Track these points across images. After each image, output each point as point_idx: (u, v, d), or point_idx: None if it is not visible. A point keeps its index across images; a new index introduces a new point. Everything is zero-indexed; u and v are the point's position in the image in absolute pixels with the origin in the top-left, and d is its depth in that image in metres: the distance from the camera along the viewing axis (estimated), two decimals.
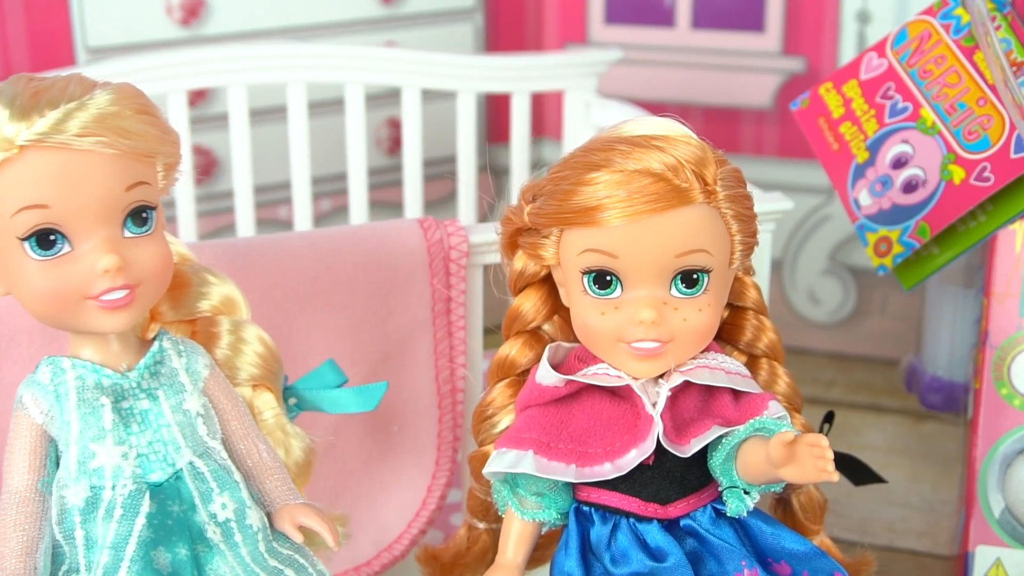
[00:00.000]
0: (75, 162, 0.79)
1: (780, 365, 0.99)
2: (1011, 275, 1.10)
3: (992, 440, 1.11)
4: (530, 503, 0.92)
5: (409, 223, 1.09)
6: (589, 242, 0.87)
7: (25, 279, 0.81)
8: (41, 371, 0.85)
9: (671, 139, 0.87)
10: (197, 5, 1.58)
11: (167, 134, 0.84)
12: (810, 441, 0.83)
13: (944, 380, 1.42)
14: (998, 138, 1.13)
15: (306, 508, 0.89)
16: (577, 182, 0.86)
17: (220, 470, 0.87)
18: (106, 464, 0.83)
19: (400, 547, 1.12)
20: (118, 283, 0.81)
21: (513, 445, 0.90)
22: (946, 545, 1.32)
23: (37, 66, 1.50)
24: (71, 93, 0.80)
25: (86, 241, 0.81)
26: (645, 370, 0.89)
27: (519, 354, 0.95)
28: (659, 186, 0.85)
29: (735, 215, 0.88)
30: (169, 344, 0.87)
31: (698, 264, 0.87)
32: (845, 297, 1.71)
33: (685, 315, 0.87)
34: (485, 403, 0.97)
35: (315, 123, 1.56)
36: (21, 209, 0.79)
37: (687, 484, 0.90)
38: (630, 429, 0.89)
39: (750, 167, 1.68)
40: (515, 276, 0.95)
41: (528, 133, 1.54)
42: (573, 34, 1.76)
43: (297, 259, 1.05)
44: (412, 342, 1.10)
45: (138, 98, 0.83)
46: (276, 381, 0.95)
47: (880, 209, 1.20)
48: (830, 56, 1.64)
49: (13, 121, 0.79)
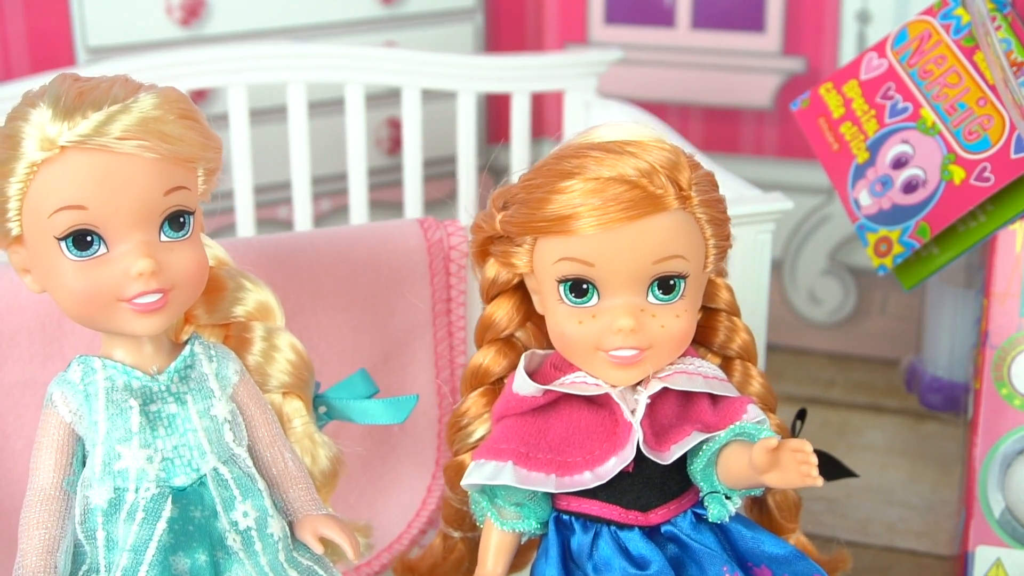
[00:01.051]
0: (115, 165, 0.80)
1: (753, 366, 0.98)
2: (1011, 275, 1.10)
3: (992, 440, 1.11)
4: (509, 513, 0.92)
5: (409, 223, 1.09)
6: (564, 251, 0.86)
7: (60, 278, 0.81)
8: (72, 370, 0.85)
9: (644, 144, 0.86)
10: (197, 5, 1.58)
11: (209, 140, 0.84)
12: (794, 447, 0.82)
13: (944, 380, 1.42)
14: (998, 138, 1.13)
15: (328, 519, 0.88)
16: (551, 190, 0.85)
17: (244, 477, 0.86)
18: (131, 466, 0.83)
19: (400, 547, 1.12)
20: (152, 287, 0.81)
21: (492, 456, 0.90)
22: (946, 545, 1.32)
23: (37, 66, 1.50)
24: (115, 95, 0.80)
25: (122, 243, 0.81)
26: (624, 378, 0.88)
27: (492, 362, 0.94)
28: (634, 193, 0.84)
29: (709, 219, 0.87)
30: (200, 349, 0.87)
31: (675, 270, 0.86)
32: (845, 297, 1.71)
33: (663, 322, 0.87)
34: (459, 413, 0.96)
35: (315, 123, 1.56)
36: (59, 209, 0.80)
37: (667, 490, 0.90)
38: (609, 437, 0.89)
39: (750, 167, 1.68)
40: (487, 284, 0.94)
41: (528, 133, 1.54)
42: (573, 34, 1.75)
43: (297, 259, 1.05)
44: (412, 342, 1.10)
45: (182, 103, 0.83)
46: (307, 389, 0.95)
47: (880, 209, 1.20)
48: (830, 56, 1.64)
49: (56, 121, 0.79)
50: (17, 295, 0.98)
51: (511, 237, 0.89)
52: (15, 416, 1.00)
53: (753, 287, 1.15)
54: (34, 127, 0.80)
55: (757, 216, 1.14)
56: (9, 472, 1.00)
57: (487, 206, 0.92)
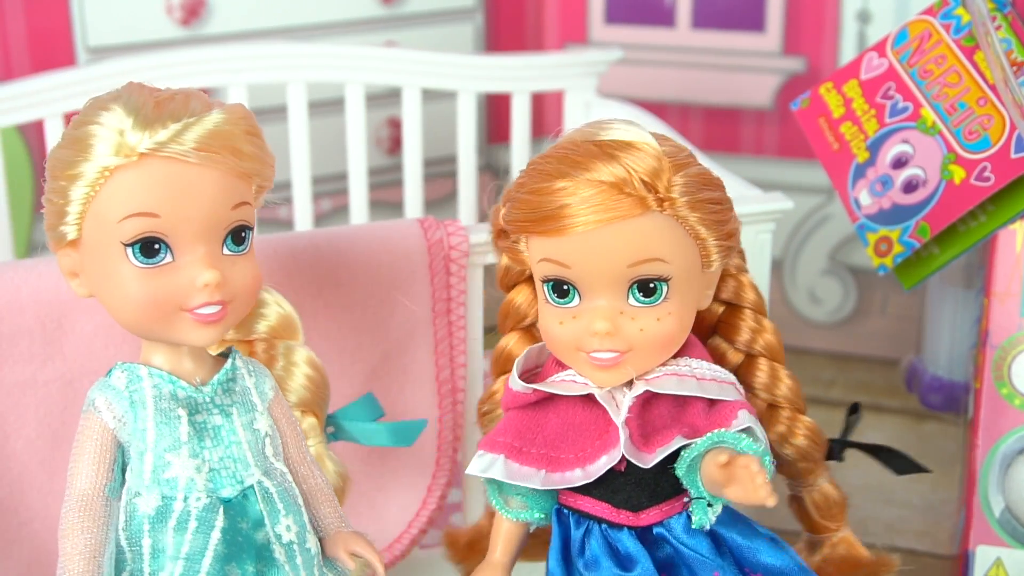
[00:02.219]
0: (189, 175, 0.80)
1: (782, 367, 0.97)
2: (1011, 275, 1.10)
3: (992, 440, 1.11)
4: (515, 503, 0.92)
5: (409, 223, 1.09)
6: (545, 251, 0.86)
7: (121, 284, 0.82)
8: (116, 376, 0.85)
9: (628, 147, 0.85)
10: (197, 5, 1.58)
11: (268, 157, 0.85)
12: (742, 463, 0.81)
13: (944, 380, 1.42)
14: (998, 138, 1.13)
15: (358, 537, 0.90)
16: (531, 190, 0.86)
17: (285, 492, 0.87)
18: (180, 475, 0.83)
19: (400, 547, 1.12)
20: (215, 298, 0.82)
21: (488, 448, 0.90)
22: (946, 545, 1.32)
23: (37, 66, 1.50)
24: (193, 108, 0.81)
25: (188, 254, 0.81)
26: (606, 379, 0.88)
27: (517, 347, 0.96)
28: (608, 196, 0.83)
29: (700, 219, 0.86)
30: (241, 363, 0.88)
31: (653, 273, 0.85)
32: (845, 297, 1.71)
33: (642, 325, 0.86)
34: (486, 397, 0.97)
35: (315, 123, 1.56)
36: (131, 215, 0.80)
37: (659, 492, 0.89)
38: (601, 435, 0.88)
39: (750, 167, 1.68)
40: (501, 272, 0.95)
41: (528, 133, 1.54)
42: (573, 34, 1.75)
43: (297, 259, 1.05)
44: (412, 342, 1.10)
45: (249, 120, 0.84)
46: (323, 407, 0.96)
47: (880, 209, 1.20)
48: (830, 56, 1.64)
49: (137, 128, 0.80)
50: (17, 295, 0.98)
51: (509, 234, 0.90)
52: (15, 416, 0.99)
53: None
54: (110, 132, 0.80)
55: (757, 216, 1.14)
56: (9, 472, 1.00)
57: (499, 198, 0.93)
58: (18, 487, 1.01)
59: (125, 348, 1.00)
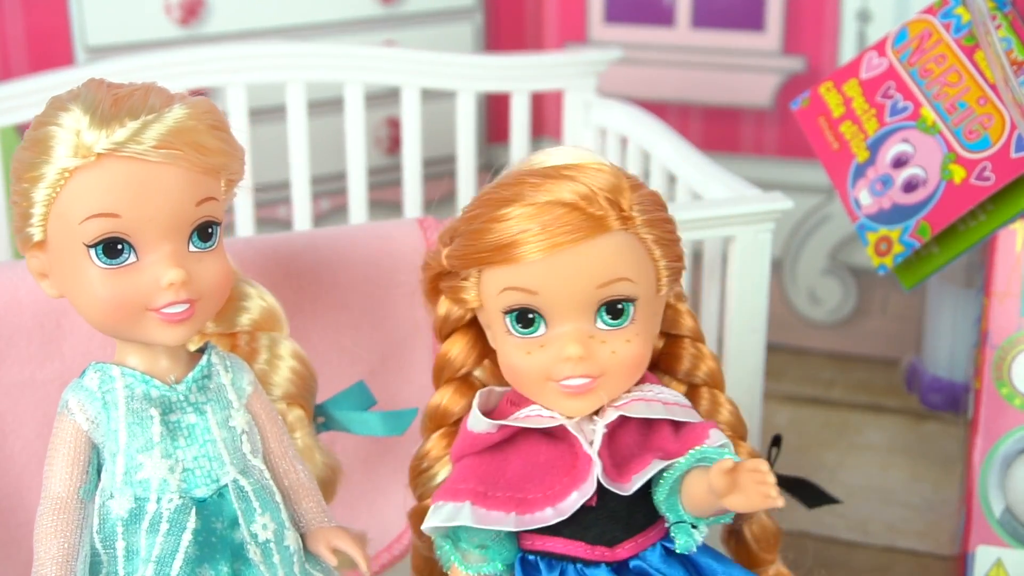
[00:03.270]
0: (149, 174, 0.79)
1: (721, 393, 0.95)
2: (1011, 274, 1.10)
3: (992, 440, 1.11)
4: (474, 556, 0.88)
5: (408, 223, 1.09)
6: (507, 280, 0.84)
7: (86, 285, 0.81)
8: (88, 377, 0.84)
9: (582, 167, 0.84)
10: (196, 4, 1.57)
11: (235, 150, 0.84)
12: (750, 467, 0.79)
13: (944, 380, 1.42)
14: (998, 137, 1.13)
15: (340, 531, 0.88)
16: (489, 219, 0.84)
17: (262, 490, 0.86)
18: (152, 476, 0.83)
19: (400, 547, 1.12)
20: (181, 297, 0.81)
21: (449, 497, 0.87)
22: (946, 545, 1.32)
23: (36, 65, 1.50)
24: (152, 104, 0.80)
25: (152, 253, 0.81)
26: (578, 408, 0.86)
27: (451, 402, 0.93)
28: (572, 216, 0.82)
29: (656, 239, 0.85)
30: (217, 359, 0.87)
31: (621, 293, 0.84)
32: (845, 297, 1.71)
33: (613, 347, 0.85)
34: (420, 455, 0.94)
35: (314, 123, 1.56)
36: (91, 216, 0.79)
37: (634, 523, 0.87)
38: (569, 471, 0.86)
39: (750, 167, 1.68)
40: (440, 322, 0.91)
41: (528, 133, 1.54)
42: (573, 33, 1.75)
43: (296, 259, 1.05)
44: (411, 342, 1.10)
45: (213, 114, 0.83)
46: (310, 399, 0.95)
47: (880, 208, 1.20)
48: (830, 55, 1.64)
49: (93, 128, 0.79)
50: (15, 294, 0.97)
51: (457, 272, 0.87)
52: (13, 416, 0.99)
53: (753, 287, 1.15)
54: (68, 132, 0.79)
55: (757, 216, 1.14)
56: (7, 472, 1.00)
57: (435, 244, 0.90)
58: (16, 488, 1.00)
59: None
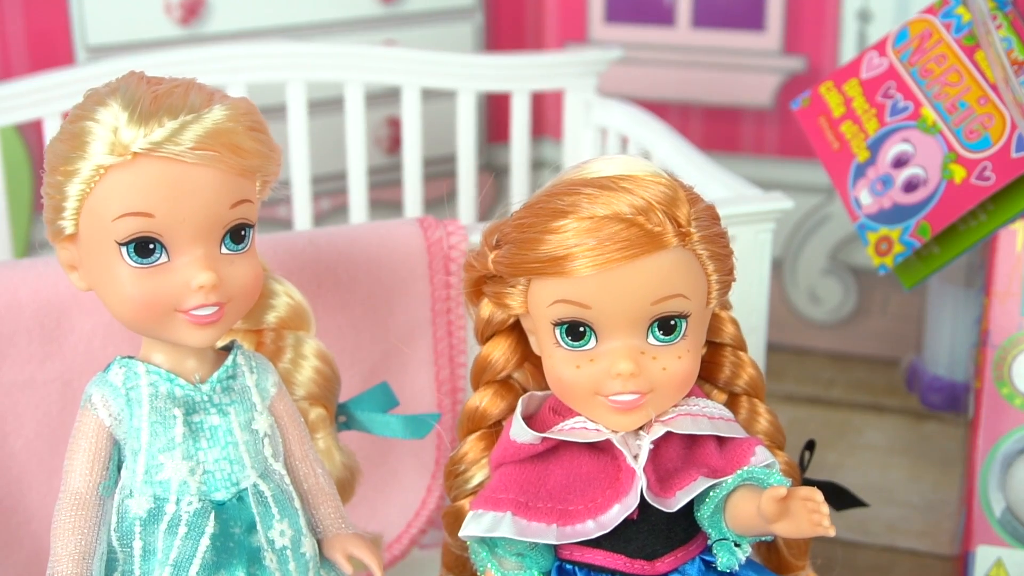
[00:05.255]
0: (185, 175, 0.78)
1: (761, 402, 0.94)
2: (1012, 274, 1.10)
3: (993, 440, 1.11)
4: (510, 563, 0.87)
5: (409, 223, 1.09)
6: (559, 292, 0.82)
7: (116, 283, 0.80)
8: (113, 372, 0.83)
9: (639, 179, 0.82)
10: (196, 4, 1.57)
11: (273, 152, 0.83)
12: (804, 495, 0.79)
13: (945, 380, 1.42)
14: (999, 137, 1.13)
15: (357, 539, 0.88)
16: (543, 230, 0.82)
17: (281, 495, 0.85)
18: (173, 477, 0.82)
19: (400, 547, 1.12)
20: (211, 300, 0.80)
21: (490, 507, 0.85)
22: (947, 545, 1.32)
23: (36, 64, 1.50)
24: (191, 103, 0.79)
25: (184, 254, 0.80)
26: (625, 423, 0.85)
27: (490, 405, 0.91)
28: (631, 231, 0.80)
29: (711, 255, 0.84)
30: (243, 359, 0.86)
31: (675, 310, 0.83)
32: (845, 297, 1.71)
33: (664, 364, 0.83)
34: (457, 458, 0.93)
35: (315, 122, 1.56)
36: (124, 215, 0.78)
37: (674, 538, 0.86)
38: (612, 484, 0.85)
39: (750, 167, 1.68)
40: (482, 324, 0.90)
41: (528, 132, 1.54)
42: (573, 33, 1.75)
43: (297, 259, 1.05)
44: (412, 341, 1.10)
45: (252, 115, 0.82)
46: (333, 399, 0.94)
47: (881, 208, 1.20)
48: (830, 55, 1.64)
49: (131, 126, 0.78)
50: (16, 294, 0.97)
51: (504, 278, 0.86)
52: (14, 416, 0.99)
53: (753, 287, 1.15)
54: (105, 129, 0.78)
55: (757, 216, 1.14)
56: (8, 471, 1.00)
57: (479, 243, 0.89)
58: (17, 487, 1.00)
59: (124, 348, 1.00)
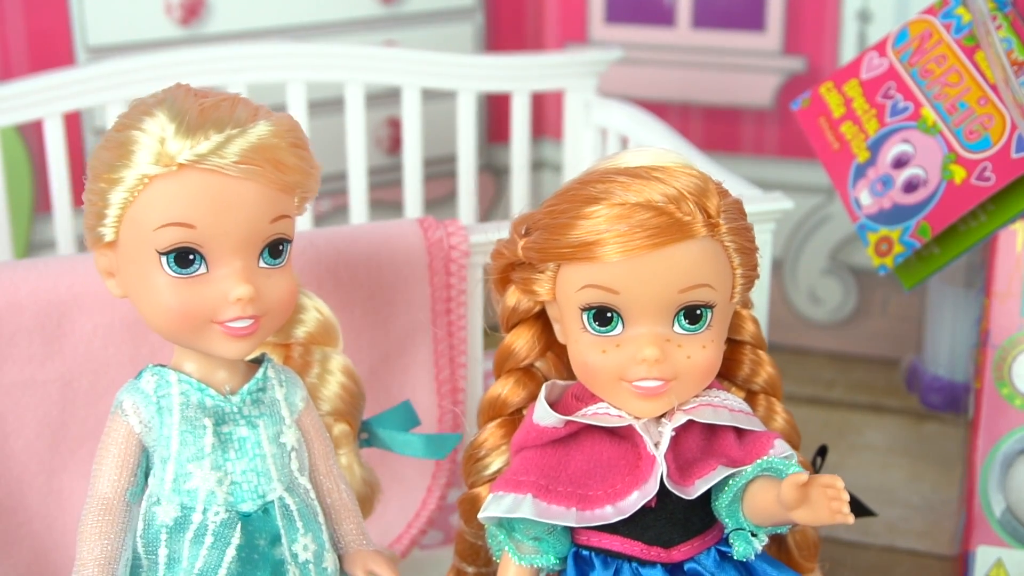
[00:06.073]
0: (228, 188, 0.79)
1: (778, 401, 0.96)
2: (1012, 275, 1.10)
3: (993, 440, 1.11)
4: (527, 548, 0.88)
5: (409, 223, 1.09)
6: (588, 278, 0.84)
7: (154, 292, 0.81)
8: (145, 379, 0.84)
9: (671, 170, 0.84)
10: (197, 4, 1.57)
11: (313, 169, 0.84)
12: (825, 483, 0.80)
13: (945, 380, 1.42)
14: (999, 138, 1.13)
15: (377, 555, 0.89)
16: (575, 216, 0.83)
17: (306, 509, 0.86)
18: (200, 487, 0.83)
19: (400, 547, 1.12)
20: (248, 312, 0.81)
21: (511, 488, 0.87)
22: (947, 545, 1.32)
23: (36, 65, 1.50)
24: (237, 118, 0.80)
25: (223, 266, 0.81)
26: (648, 409, 0.86)
27: (511, 393, 0.92)
28: (661, 219, 0.82)
29: (737, 248, 0.85)
30: (273, 373, 0.87)
31: (702, 299, 0.84)
32: (846, 297, 1.71)
33: (689, 352, 0.85)
34: (476, 444, 0.94)
35: (315, 122, 1.56)
36: (167, 224, 0.79)
37: (691, 526, 0.87)
38: (631, 470, 0.86)
39: (750, 167, 1.68)
40: (507, 312, 0.91)
41: (528, 133, 1.54)
42: (573, 33, 1.75)
43: (297, 259, 1.05)
44: (412, 342, 1.10)
45: (295, 131, 0.83)
46: (357, 416, 0.95)
47: (881, 209, 1.20)
48: (831, 55, 1.64)
49: (178, 137, 0.79)
50: (16, 295, 0.97)
51: (533, 264, 0.87)
52: (15, 416, 0.99)
53: (754, 287, 1.15)
54: (152, 139, 0.79)
55: (757, 216, 1.14)
56: (8, 472, 1.00)
57: (508, 232, 0.90)
58: (17, 487, 1.00)
59: (124, 348, 1.00)
